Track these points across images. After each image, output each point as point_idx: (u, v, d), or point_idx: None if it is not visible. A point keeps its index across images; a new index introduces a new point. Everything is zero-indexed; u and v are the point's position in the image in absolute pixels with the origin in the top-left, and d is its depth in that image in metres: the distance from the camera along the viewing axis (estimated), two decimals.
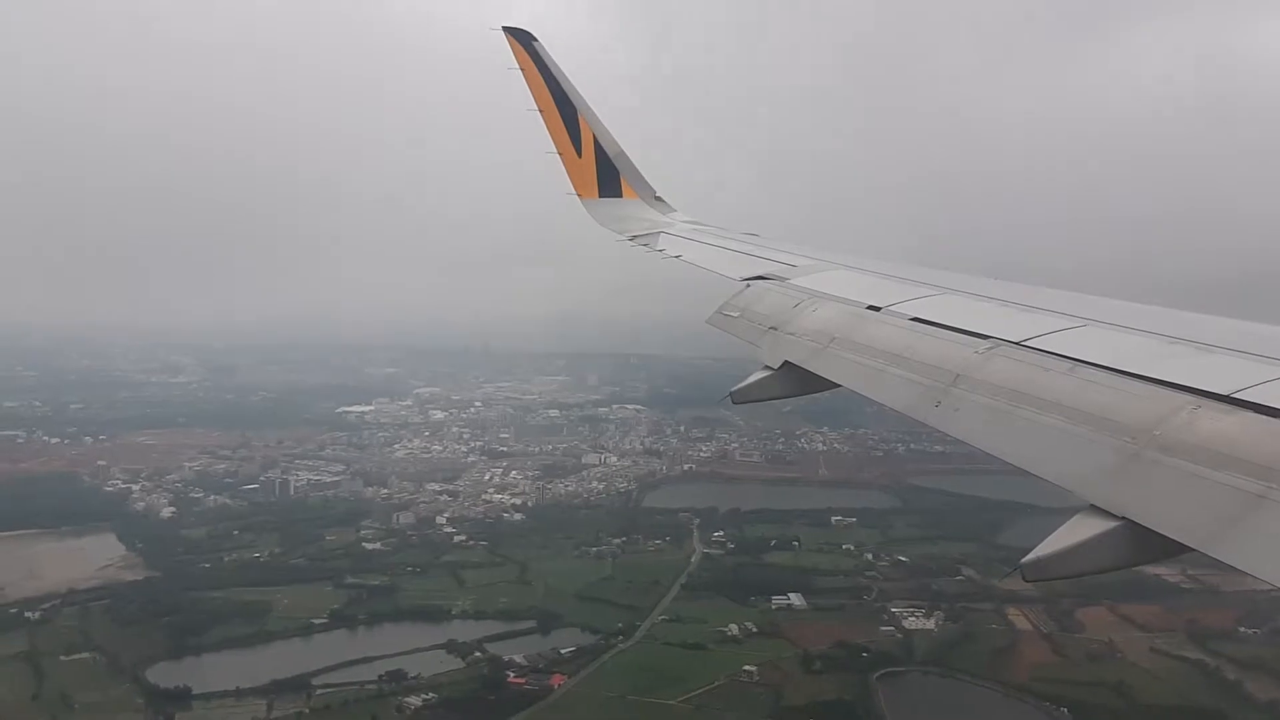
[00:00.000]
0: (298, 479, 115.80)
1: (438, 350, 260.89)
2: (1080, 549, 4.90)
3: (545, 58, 17.55)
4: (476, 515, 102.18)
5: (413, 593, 79.50)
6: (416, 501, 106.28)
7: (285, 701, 59.50)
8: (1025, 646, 71.62)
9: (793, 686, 63.50)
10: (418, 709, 58.50)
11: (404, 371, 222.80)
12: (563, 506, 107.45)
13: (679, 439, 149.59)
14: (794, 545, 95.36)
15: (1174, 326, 6.84)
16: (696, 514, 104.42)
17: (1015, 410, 6.24)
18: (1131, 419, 5.45)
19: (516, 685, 62.08)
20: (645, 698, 60.99)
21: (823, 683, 64.56)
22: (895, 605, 78.11)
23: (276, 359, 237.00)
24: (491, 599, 78.26)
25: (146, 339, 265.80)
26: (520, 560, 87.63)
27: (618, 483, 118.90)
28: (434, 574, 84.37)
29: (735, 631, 72.00)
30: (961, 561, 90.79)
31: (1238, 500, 4.50)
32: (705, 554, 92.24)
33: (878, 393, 7.63)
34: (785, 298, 10.59)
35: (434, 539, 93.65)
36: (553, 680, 62.78)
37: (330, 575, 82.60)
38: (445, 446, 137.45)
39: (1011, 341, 7.09)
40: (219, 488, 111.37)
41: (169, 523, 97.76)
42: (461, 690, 61.26)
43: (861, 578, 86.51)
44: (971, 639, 72.61)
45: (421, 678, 63.02)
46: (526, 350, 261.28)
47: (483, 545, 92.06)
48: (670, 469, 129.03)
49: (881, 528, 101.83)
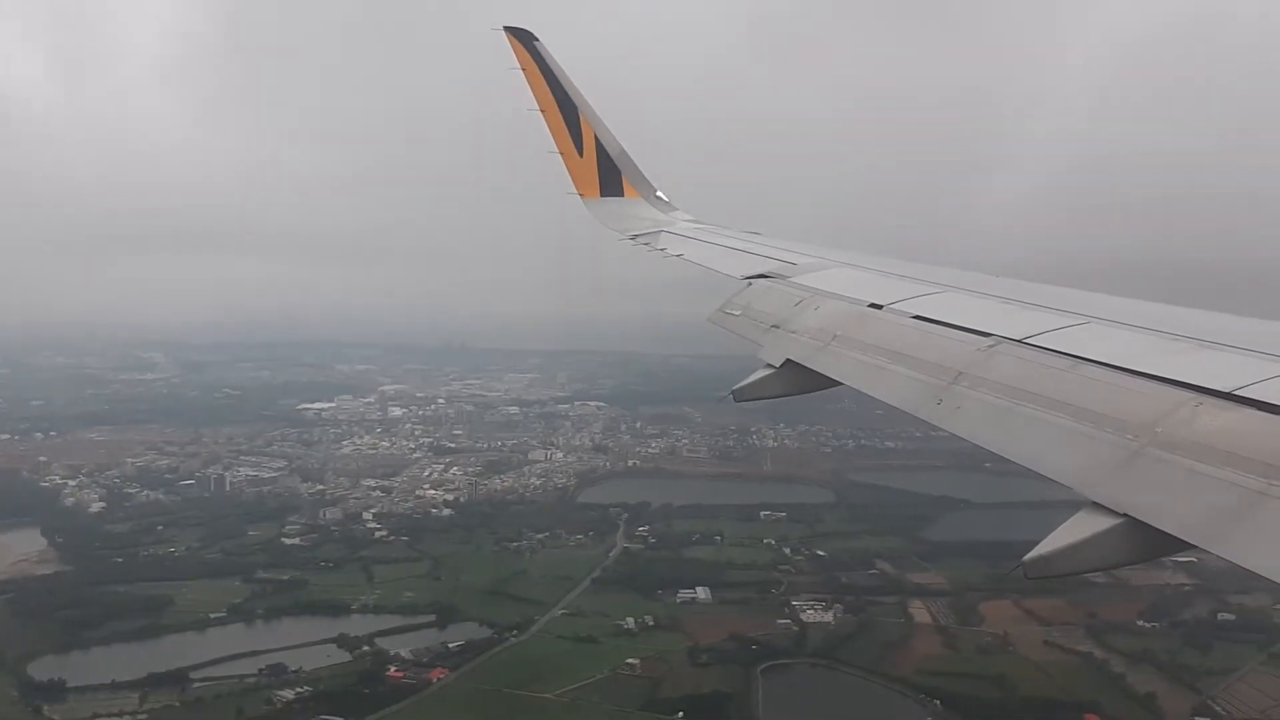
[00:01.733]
0: (236, 475, 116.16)
1: (417, 348, 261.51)
2: (1082, 546, 4.89)
3: (546, 57, 17.64)
4: (405, 511, 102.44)
5: (320, 587, 79.78)
6: (349, 497, 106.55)
7: (160, 695, 59.82)
8: (918, 640, 71.76)
9: (673, 679, 63.66)
10: (289, 702, 58.74)
11: (375, 369, 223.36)
12: (495, 502, 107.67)
13: (632, 435, 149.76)
14: (716, 540, 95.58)
15: (1175, 323, 6.84)
16: (628, 509, 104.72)
17: (1017, 408, 6.24)
18: (1133, 416, 5.46)
19: (395, 679, 62.25)
20: (522, 691, 61.17)
21: (706, 675, 64.76)
22: (799, 599, 78.20)
23: (252, 356, 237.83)
24: (396, 594, 78.52)
25: (128, 336, 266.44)
26: (436, 556, 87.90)
27: (557, 479, 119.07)
28: (347, 569, 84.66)
29: (631, 625, 72.23)
30: (879, 555, 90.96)
31: (1239, 497, 4.47)
32: (625, 549, 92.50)
33: (880, 391, 7.62)
34: (787, 296, 10.62)
35: (355, 534, 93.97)
36: (433, 674, 62.95)
37: (242, 570, 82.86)
38: (393, 443, 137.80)
39: (1013, 339, 7.09)
40: (156, 484, 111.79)
41: (96, 518, 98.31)
42: (339, 684, 61.55)
43: (775, 571, 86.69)
44: (867, 632, 72.76)
45: (303, 671, 63.29)
46: (506, 348, 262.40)
47: (403, 541, 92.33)
48: (614, 465, 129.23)
49: (810, 522, 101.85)
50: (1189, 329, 6.63)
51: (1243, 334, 6.38)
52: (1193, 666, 66.27)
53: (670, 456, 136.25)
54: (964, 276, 9.87)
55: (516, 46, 17.51)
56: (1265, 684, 64.12)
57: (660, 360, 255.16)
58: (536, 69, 17.49)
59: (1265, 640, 70.88)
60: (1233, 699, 62.04)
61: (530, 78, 17.51)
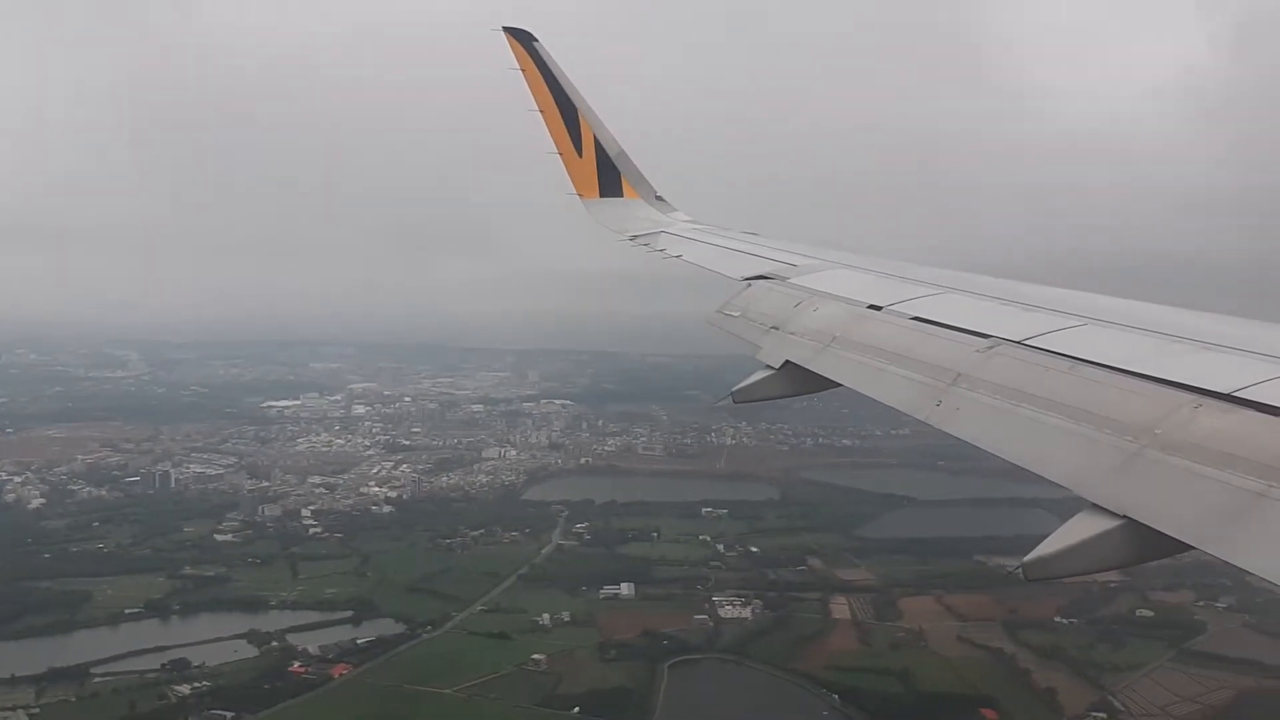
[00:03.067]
0: (184, 472, 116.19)
1: (396, 346, 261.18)
2: (1081, 548, 4.89)
3: (545, 57, 17.67)
4: (345, 508, 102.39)
5: (243, 583, 79.86)
6: (291, 494, 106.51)
7: (58, 690, 59.80)
8: (833, 635, 71.83)
9: (576, 675, 63.69)
10: (184, 697, 58.76)
11: (347, 367, 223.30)
12: (439, 500, 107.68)
13: (591, 433, 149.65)
14: (652, 536, 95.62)
15: (1175, 325, 6.86)
16: (571, 506, 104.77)
17: (1016, 409, 6.24)
18: (1132, 418, 5.45)
19: (296, 674, 62.27)
20: (422, 686, 61.19)
21: (611, 670, 64.82)
22: (721, 595, 78.22)
23: (226, 354, 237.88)
24: (318, 590, 78.57)
25: (107, 334, 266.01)
26: (367, 553, 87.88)
27: (505, 476, 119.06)
28: (274, 565, 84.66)
29: (546, 621, 72.19)
30: (812, 552, 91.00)
31: (1238, 498, 4.47)
32: (559, 546, 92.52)
33: (879, 392, 7.66)
34: (786, 297, 10.64)
35: (290, 531, 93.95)
36: (335, 670, 62.97)
37: (168, 566, 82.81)
38: (348, 441, 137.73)
39: (1012, 340, 7.09)
40: (103, 480, 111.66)
41: (34, 514, 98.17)
42: (238, 679, 61.53)
43: (705, 568, 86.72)
44: (782, 628, 72.83)
45: (205, 666, 63.26)
46: (484, 346, 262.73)
47: (337, 537, 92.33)
48: (566, 462, 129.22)
49: (750, 519, 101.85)
50: (1189, 331, 6.65)
51: (1242, 336, 6.38)
52: (1101, 663, 66.25)
53: (625, 454, 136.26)
54: (963, 278, 9.94)
55: (515, 47, 17.57)
56: (1171, 680, 64.19)
57: (637, 359, 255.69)
58: (535, 69, 17.55)
59: (1179, 637, 70.90)
60: (1135, 695, 62.12)
61: (529, 78, 17.57)
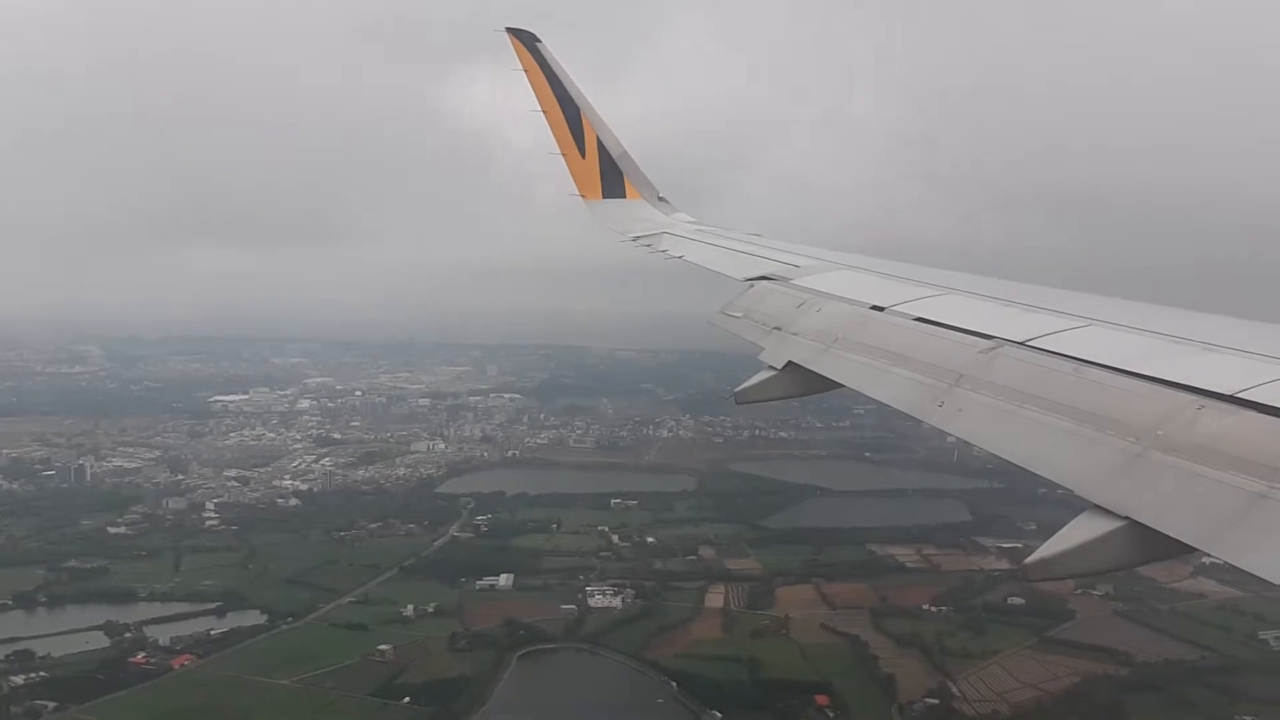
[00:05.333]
0: (103, 466, 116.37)
1: (365, 343, 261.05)
2: (1084, 549, 4.92)
3: (549, 58, 17.70)
4: (250, 501, 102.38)
5: (121, 576, 79.77)
6: (202, 488, 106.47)
7: None
8: (696, 624, 71.54)
9: (423, 665, 63.41)
10: (16, 687, 58.67)
11: (309, 362, 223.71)
12: (349, 493, 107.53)
13: (529, 426, 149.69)
14: (552, 528, 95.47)
15: (1178, 326, 6.84)
16: (480, 499, 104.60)
17: (1019, 410, 6.26)
18: (1135, 419, 5.48)
19: (137, 665, 62.14)
20: (260, 678, 61.03)
21: (458, 661, 64.54)
22: (596, 585, 77.94)
23: (189, 350, 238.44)
24: (195, 582, 78.38)
25: (82, 331, 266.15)
26: (258, 545, 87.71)
27: (425, 469, 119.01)
28: (160, 558, 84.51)
29: (410, 613, 71.98)
30: (708, 542, 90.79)
31: (1241, 500, 4.49)
32: (454, 537, 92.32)
33: (881, 393, 7.69)
34: (789, 298, 10.67)
35: (188, 524, 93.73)
36: (176, 661, 62.83)
37: (52, 559, 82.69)
38: (280, 435, 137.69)
39: (1015, 341, 7.11)
40: (20, 474, 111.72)
41: None
42: (76, 670, 61.33)
43: (595, 558, 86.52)
44: (648, 617, 72.51)
45: (50, 658, 63.15)
46: (454, 342, 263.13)
47: (233, 530, 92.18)
48: (493, 455, 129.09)
49: (658, 510, 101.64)
50: (1191, 332, 6.63)
51: (1245, 337, 6.36)
52: (954, 650, 65.80)
53: (556, 447, 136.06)
54: (966, 279, 9.96)
55: (519, 48, 17.61)
56: (1020, 666, 63.87)
57: (605, 354, 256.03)
58: (539, 70, 17.58)
59: (1045, 625, 70.53)
60: (980, 681, 61.71)
61: (532, 79, 17.63)
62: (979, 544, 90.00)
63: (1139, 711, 56.90)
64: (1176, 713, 57.10)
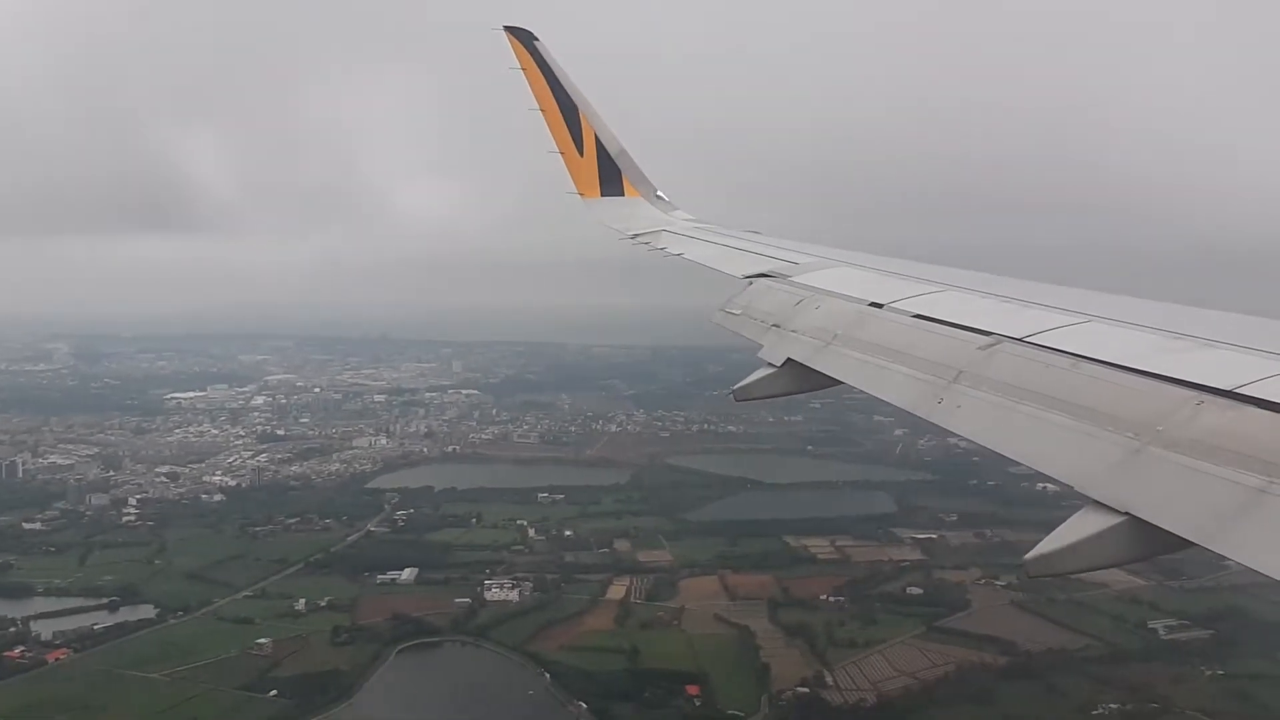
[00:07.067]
0: (38, 463, 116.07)
1: (340, 340, 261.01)
2: (1083, 545, 4.93)
3: (546, 57, 17.69)
4: (174, 497, 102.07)
5: (22, 571, 79.38)
6: (129, 484, 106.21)
7: None
8: (589, 616, 71.06)
9: (300, 659, 62.96)
10: None
11: (275, 359, 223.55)
12: (275, 488, 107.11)
13: (479, 421, 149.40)
14: (471, 522, 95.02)
15: (1177, 322, 6.84)
16: (406, 494, 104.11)
17: (1018, 407, 6.28)
18: (1134, 415, 5.49)
19: (11, 659, 61.78)
20: (134, 671, 60.66)
21: (336, 654, 64.09)
22: (497, 579, 77.52)
23: (158, 348, 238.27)
24: (95, 578, 77.99)
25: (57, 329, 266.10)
26: (170, 541, 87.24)
27: (360, 464, 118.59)
28: (67, 554, 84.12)
29: (300, 607, 71.58)
30: (624, 535, 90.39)
31: (1240, 495, 4.51)
32: (369, 532, 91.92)
33: (880, 390, 7.73)
34: (788, 295, 10.73)
35: (105, 520, 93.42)
36: (52, 655, 62.48)
37: None
38: (224, 431, 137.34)
39: (1014, 338, 7.12)
40: None
41: None
42: None
43: (507, 552, 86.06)
44: (542, 609, 71.99)
45: None
46: (428, 339, 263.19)
47: (149, 526, 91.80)
48: (432, 450, 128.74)
49: (584, 504, 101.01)
50: (1190, 328, 6.62)
51: (1244, 332, 6.37)
52: (840, 640, 65.35)
53: (499, 442, 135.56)
54: (965, 275, 10.01)
55: (516, 46, 17.58)
56: (901, 655, 63.39)
57: (578, 350, 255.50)
58: (536, 69, 17.57)
59: (938, 614, 70.10)
60: (856, 670, 61.31)
61: (530, 77, 17.64)
62: (895, 535, 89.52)
63: (1005, 700, 56.35)
64: (1044, 701, 56.58)
